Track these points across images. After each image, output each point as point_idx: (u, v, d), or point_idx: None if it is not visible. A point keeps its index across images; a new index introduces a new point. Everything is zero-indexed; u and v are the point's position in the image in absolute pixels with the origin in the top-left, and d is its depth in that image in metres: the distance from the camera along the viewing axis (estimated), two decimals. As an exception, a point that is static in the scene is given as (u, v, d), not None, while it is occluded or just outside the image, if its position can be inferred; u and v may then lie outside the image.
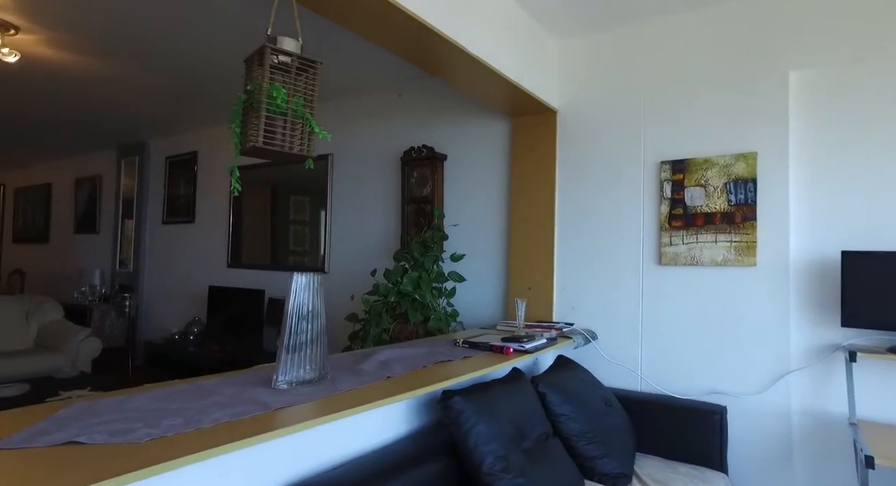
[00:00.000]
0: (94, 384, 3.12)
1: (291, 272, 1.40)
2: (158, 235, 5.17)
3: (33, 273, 6.70)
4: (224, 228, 4.52)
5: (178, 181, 4.98)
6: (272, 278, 4.07)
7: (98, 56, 3.08)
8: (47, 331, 4.35)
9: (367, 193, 3.60)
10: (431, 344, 2.08)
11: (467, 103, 3.14)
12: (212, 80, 3.48)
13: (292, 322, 1.37)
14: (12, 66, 3.23)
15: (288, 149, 1.40)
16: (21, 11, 2.54)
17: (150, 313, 5.16)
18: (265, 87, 1.34)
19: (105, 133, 5.08)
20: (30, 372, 3.90)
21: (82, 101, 4.03)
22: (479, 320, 2.95)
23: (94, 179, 5.94)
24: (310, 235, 3.98)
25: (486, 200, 3.04)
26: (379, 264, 3.42)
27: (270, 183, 4.28)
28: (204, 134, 4.80)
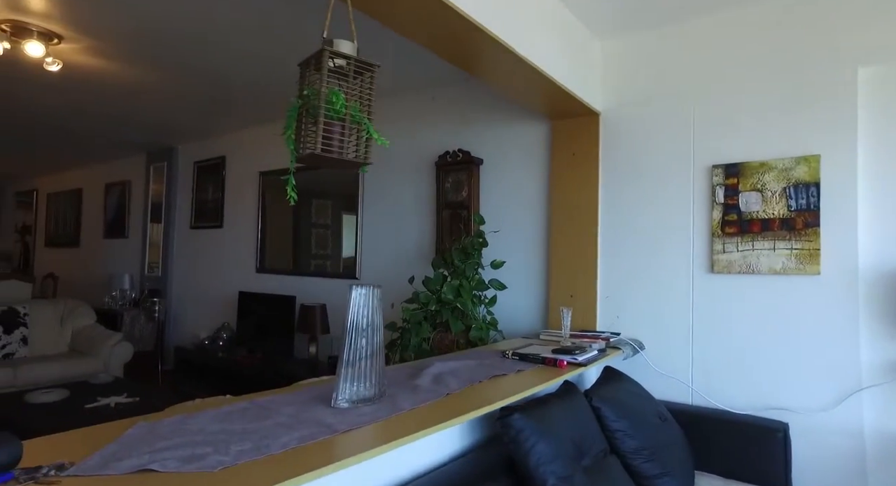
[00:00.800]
0: (129, 391, 3.11)
1: (350, 285, 1.34)
2: (186, 240, 5.19)
3: (65, 277, 6.80)
4: (252, 233, 4.51)
5: (206, 186, 4.99)
6: (303, 284, 4.04)
7: (132, 63, 3.08)
8: (81, 335, 4.38)
9: (400, 198, 3.55)
10: (480, 356, 2.01)
11: (503, 106, 3.07)
12: (240, 85, 3.47)
13: (351, 337, 1.31)
14: (53, 75, 3.25)
15: (346, 155, 1.34)
16: (64, 20, 2.54)
17: (178, 317, 5.18)
18: (323, 91, 1.29)
19: (134, 138, 5.12)
20: (65, 376, 3.93)
21: (114, 107, 4.06)
22: (518, 328, 2.87)
23: (124, 184, 6.00)
24: (332, 238, 3.95)
25: (523, 205, 2.97)
26: (413, 271, 3.36)
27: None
28: (232, 138, 4.80)
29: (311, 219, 4.11)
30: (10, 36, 2.62)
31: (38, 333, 4.25)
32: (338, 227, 3.93)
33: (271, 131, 4.43)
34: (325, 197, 4.03)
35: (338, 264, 3.89)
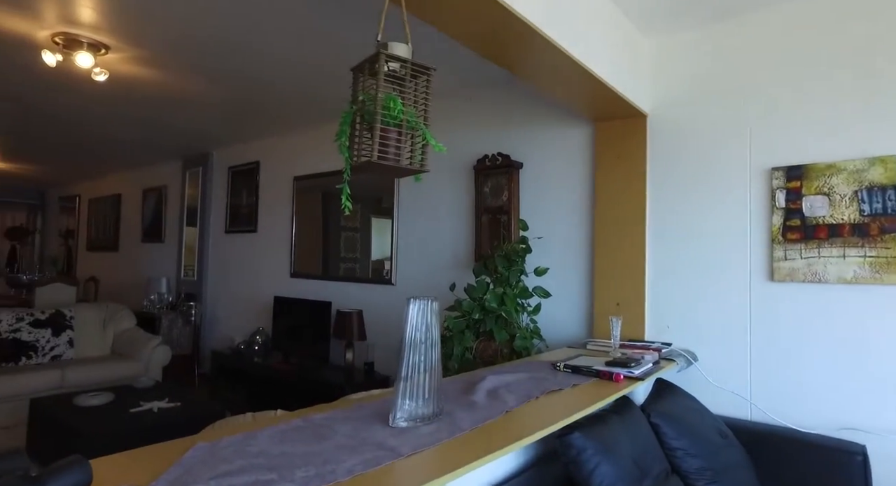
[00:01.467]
0: (170, 396, 3.13)
1: (408, 298, 1.28)
2: (221, 244, 5.25)
3: (105, 280, 6.97)
4: (286, 238, 4.53)
5: (240, 191, 5.04)
6: (337, 289, 4.02)
7: (172, 71, 3.11)
8: (122, 338, 4.46)
9: (436, 202, 3.50)
10: (530, 368, 1.93)
11: (544, 108, 2.99)
12: (275, 91, 3.47)
13: (408, 352, 1.26)
14: (99, 84, 3.31)
15: (402, 163, 1.29)
16: (112, 31, 2.58)
17: (213, 321, 5.24)
18: (379, 97, 1.24)
19: (171, 145, 5.21)
20: (109, 379, 4.00)
21: (153, 114, 4.12)
22: (561, 337, 2.78)
23: (160, 190, 6.12)
24: (361, 242, 3.96)
25: (566, 210, 2.88)
26: (449, 277, 3.30)
27: (321, 190, 4.30)
28: (266, 144, 4.84)
29: (339, 222, 4.15)
30: (63, 48, 2.66)
31: (83, 336, 4.34)
32: (367, 230, 3.94)
33: (306, 136, 4.44)
34: (354, 201, 4.03)
35: (366, 268, 3.89)
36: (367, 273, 3.86)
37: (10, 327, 3.97)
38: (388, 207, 3.79)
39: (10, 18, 2.49)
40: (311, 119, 4.15)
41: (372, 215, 3.92)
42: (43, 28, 2.57)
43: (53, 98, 3.74)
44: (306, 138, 4.45)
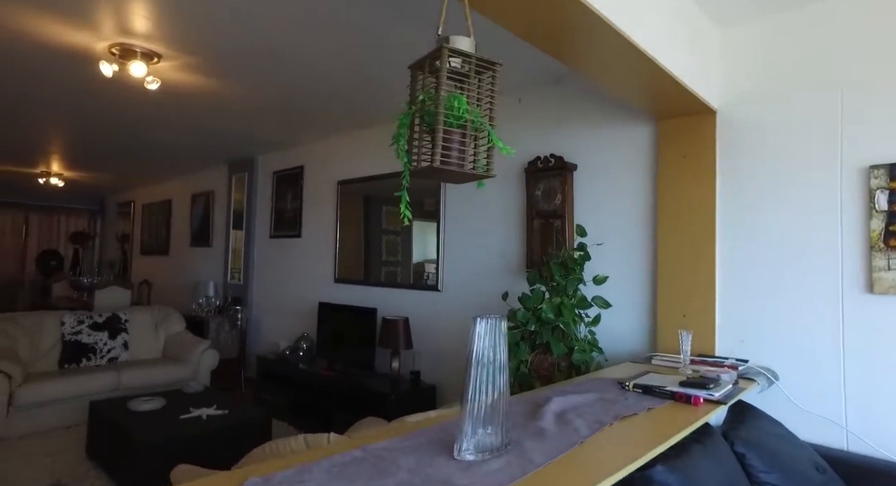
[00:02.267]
0: (218, 403, 3.13)
1: (474, 317, 1.16)
2: (266, 249, 5.30)
3: (157, 284, 7.20)
4: (330, 243, 4.51)
5: (284, 195, 5.07)
6: (383, 296, 3.96)
7: (220, 77, 3.11)
8: (172, 342, 4.55)
9: (484, 206, 3.38)
10: (595, 386, 1.78)
11: (599, 106, 2.82)
12: (320, 95, 3.43)
13: (475, 376, 1.14)
14: (151, 93, 3.36)
15: (466, 168, 1.17)
16: (165, 39, 2.58)
17: (258, 325, 5.29)
18: (442, 96, 1.13)
19: (218, 150, 5.30)
20: (160, 381, 4.08)
21: (202, 121, 4.18)
22: (620, 350, 2.60)
23: (208, 195, 6.25)
24: (402, 246, 3.91)
25: (625, 213, 2.70)
26: (500, 284, 3.17)
27: (362, 193, 4.27)
28: (310, 148, 4.84)
29: (381, 226, 4.10)
30: (118, 58, 2.70)
31: (137, 338, 4.45)
32: (408, 233, 3.89)
33: (350, 140, 4.41)
34: (395, 203, 3.98)
35: (408, 271, 3.84)
36: (409, 277, 3.82)
37: (73, 329, 4.10)
38: (430, 210, 3.74)
39: (71, 32, 2.54)
40: (355, 123, 4.11)
41: (414, 218, 3.88)
42: (101, 40, 2.61)
43: (110, 108, 3.84)
44: (350, 142, 4.41)
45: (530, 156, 3.07)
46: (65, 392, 3.65)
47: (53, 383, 3.62)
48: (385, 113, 3.79)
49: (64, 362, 4.02)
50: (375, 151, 4.19)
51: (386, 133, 4.07)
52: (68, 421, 3.69)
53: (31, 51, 2.78)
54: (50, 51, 2.76)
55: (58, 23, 2.46)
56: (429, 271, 3.67)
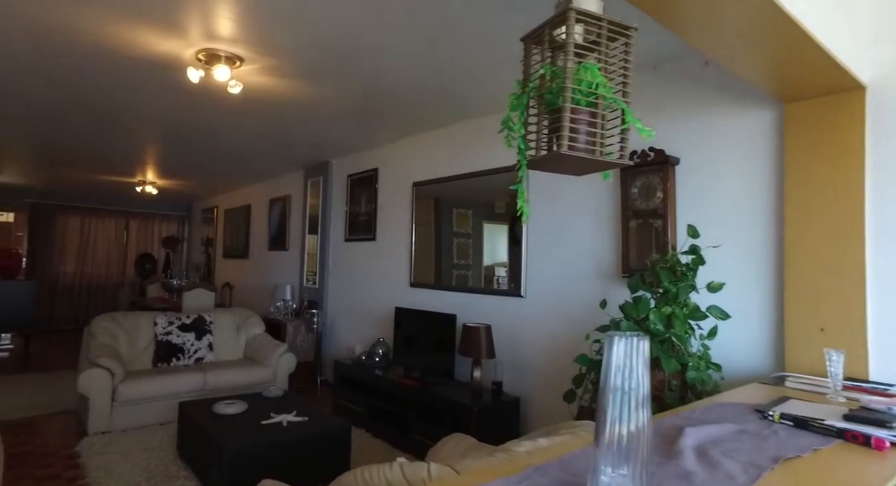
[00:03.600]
0: (298, 409, 3.10)
1: (609, 335, 0.96)
2: (341, 253, 5.31)
3: (237, 286, 7.50)
4: (405, 246, 4.42)
5: (359, 198, 5.06)
6: (462, 301, 3.80)
7: (299, 78, 3.09)
8: (252, 344, 4.65)
9: (573, 206, 3.14)
10: (725, 412, 1.50)
11: (704, 93, 2.51)
12: (399, 93, 3.34)
13: (611, 406, 0.93)
14: (232, 100, 3.43)
15: (597, 154, 0.97)
16: (246, 41, 2.58)
17: (333, 329, 5.31)
18: (570, 68, 0.93)
19: (294, 155, 5.39)
20: (242, 383, 4.16)
21: (279, 125, 4.24)
22: (739, 368, 2.27)
23: (285, 199, 6.41)
24: (473, 248, 3.82)
25: (740, 211, 2.37)
26: (591, 290, 2.92)
27: (432, 195, 4.18)
28: (384, 151, 4.79)
29: (452, 228, 4.05)
30: (204, 64, 2.73)
31: (221, 340, 4.58)
32: (479, 236, 3.79)
33: (425, 141, 4.30)
34: (465, 206, 3.96)
35: (479, 275, 3.74)
36: (480, 281, 3.74)
37: (164, 330, 4.28)
38: (500, 212, 3.64)
39: (162, 41, 2.59)
40: (432, 123, 4.00)
41: (484, 221, 3.81)
42: (189, 46, 2.65)
43: (195, 116, 3.97)
44: (426, 143, 4.31)
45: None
46: (158, 390, 3.79)
47: (148, 381, 3.76)
48: (464, 110, 3.64)
49: (157, 361, 4.19)
50: (452, 151, 4.05)
51: (463, 132, 3.93)
52: (162, 418, 3.83)
53: (130, 64, 2.88)
54: (145, 62, 2.85)
55: (151, 33, 2.51)
56: (499, 274, 3.56)
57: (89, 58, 2.83)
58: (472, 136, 3.87)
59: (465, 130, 3.92)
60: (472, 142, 3.86)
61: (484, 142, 3.76)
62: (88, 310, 8.85)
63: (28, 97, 3.63)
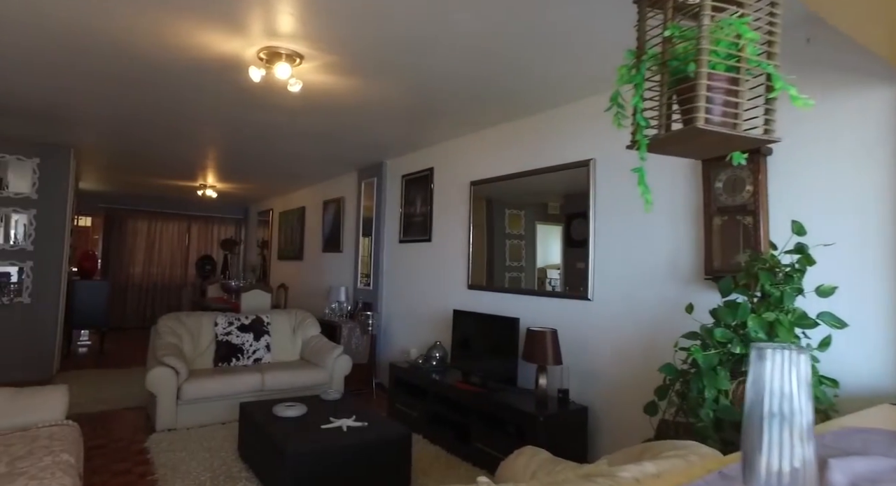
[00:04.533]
0: (357, 414, 3.03)
1: (757, 346, 0.79)
2: (395, 254, 5.26)
3: (292, 288, 7.62)
4: (463, 247, 4.30)
5: (413, 199, 4.99)
6: (523, 304, 3.64)
7: (357, 75, 3.04)
8: (308, 346, 4.65)
9: (641, 203, 2.92)
10: (869, 440, 1.28)
11: (808, 72, 2.24)
12: (458, 89, 3.22)
13: (768, 434, 0.76)
14: (289, 101, 3.42)
15: (739, 128, 0.80)
16: (307, 37, 2.54)
17: (388, 331, 5.26)
18: (707, 26, 0.77)
19: (348, 157, 5.39)
20: (298, 385, 4.16)
21: (335, 126, 4.22)
22: (855, 385, 2.00)
23: (339, 201, 6.44)
24: (526, 249, 3.73)
25: (850, 204, 2.09)
26: (668, 295, 2.70)
27: (484, 195, 4.11)
28: (440, 149, 4.69)
29: (504, 229, 3.98)
30: (265, 63, 2.72)
31: (278, 341, 4.62)
32: (531, 238, 3.72)
33: (483, 138, 4.16)
34: (517, 207, 3.90)
35: (532, 277, 3.65)
36: (533, 283, 3.66)
37: (224, 330, 4.35)
38: (554, 213, 3.55)
39: (225, 41, 2.59)
40: (489, 120, 3.86)
41: (537, 221, 3.72)
42: (251, 45, 2.64)
43: (254, 118, 4.01)
44: (483, 141, 4.17)
45: (708, 140, 2.55)
46: (219, 390, 3.84)
47: (210, 381, 3.82)
48: (525, 106, 3.49)
49: (217, 360, 4.26)
50: (510, 148, 3.90)
51: (523, 128, 3.75)
52: (223, 417, 3.88)
53: (195, 66, 2.91)
54: (208, 63, 2.87)
55: (215, 33, 2.51)
56: (551, 277, 3.48)
57: (157, 62, 2.88)
58: (532, 132, 3.70)
59: (525, 127, 3.76)
60: (532, 138, 3.70)
61: (544, 138, 3.59)
62: (155, 309, 9.27)
63: (104, 105, 3.77)
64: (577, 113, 3.36)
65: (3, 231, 4.98)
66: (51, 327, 5.18)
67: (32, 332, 5.06)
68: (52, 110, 3.96)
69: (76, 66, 3.00)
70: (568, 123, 3.42)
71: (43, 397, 2.65)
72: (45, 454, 2.08)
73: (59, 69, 3.05)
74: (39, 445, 2.20)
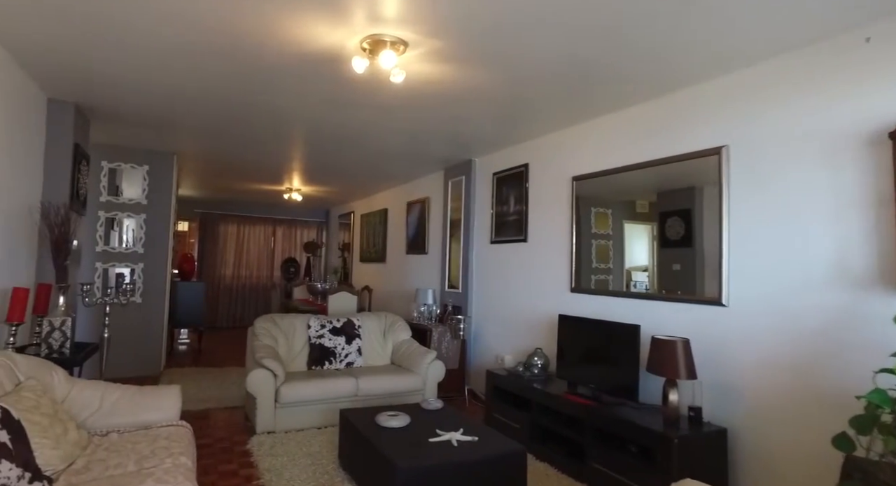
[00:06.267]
0: (464, 426, 2.82)
1: None
2: (486, 256, 5.03)
3: (375, 290, 7.62)
4: (563, 248, 3.99)
5: (506, 198, 4.74)
6: (640, 309, 3.28)
7: (459, 62, 2.84)
8: (399, 350, 4.52)
9: (790, 192, 2.49)
10: None
11: None
12: (556, 79, 2.94)
13: None
14: (386, 92, 3.29)
15: None
16: (413, 22, 2.37)
17: (478, 335, 5.04)
18: None
19: (435, 155, 5.24)
20: (392, 391, 4.02)
21: (425, 122, 4.06)
22: None
23: (423, 202, 6.32)
24: (613, 250, 3.53)
25: None
26: (830, 302, 2.27)
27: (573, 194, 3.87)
28: (537, 144, 4.41)
29: (591, 229, 3.78)
30: (368, 54, 2.59)
31: (368, 344, 4.53)
32: (619, 238, 3.52)
33: (587, 130, 3.83)
34: (603, 205, 3.67)
35: (620, 279, 3.46)
36: (621, 286, 3.45)
37: (317, 333, 4.32)
38: (642, 212, 3.34)
39: (328, 32, 2.49)
40: (597, 109, 3.53)
41: (625, 220, 3.49)
42: (354, 34, 2.51)
43: (346, 116, 3.94)
44: (587, 133, 3.84)
45: (883, 119, 2.11)
46: (315, 394, 3.78)
47: (305, 385, 3.77)
48: (643, 88, 3.13)
49: (311, 363, 4.23)
50: (618, 139, 3.56)
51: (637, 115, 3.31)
52: (318, 422, 3.82)
53: (297, 60, 2.84)
54: (309, 57, 2.79)
55: (318, 24, 2.40)
56: (636, 279, 3.35)
57: (262, 56, 2.84)
58: (647, 120, 3.34)
59: (639, 114, 3.40)
60: (646, 128, 3.34)
61: (662, 126, 3.21)
62: (244, 310, 9.67)
63: (206, 108, 3.85)
64: (704, 96, 2.97)
65: (118, 236, 5.29)
66: (158, 326, 5.43)
67: (144, 330, 5.33)
68: (161, 115, 4.11)
69: (185, 67, 3.02)
70: (691, 107, 3.04)
71: (159, 397, 2.67)
72: (166, 456, 2.14)
73: (169, 71, 3.10)
74: (160, 445, 2.24)
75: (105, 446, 2.26)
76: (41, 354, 3.08)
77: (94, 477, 1.97)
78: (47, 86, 3.44)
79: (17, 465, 1.73)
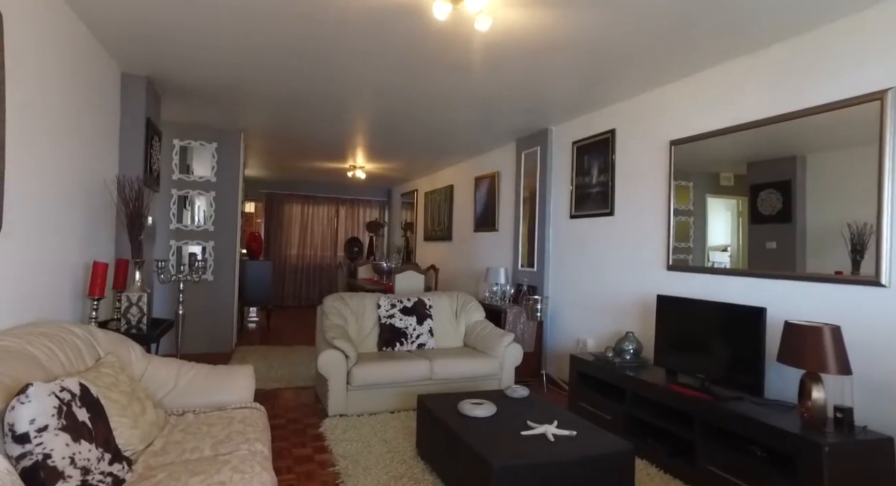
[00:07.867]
0: (559, 418, 2.51)
1: None
2: (565, 232, 4.64)
3: (441, 269, 7.39)
4: (660, 221, 3.54)
5: (588, 168, 4.31)
6: (762, 289, 2.81)
7: (551, 8, 2.44)
8: (473, 332, 4.26)
9: None
10: None
11: None
12: (663, 17, 2.47)
13: None
14: (463, 48, 2.95)
15: None
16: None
17: (556, 317, 4.69)
18: None
19: (506, 126, 4.87)
20: (467, 374, 3.78)
21: (502, 87, 3.70)
22: None
23: (493, 177, 5.97)
24: (695, 228, 3.23)
25: None
26: None
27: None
28: (625, 107, 3.94)
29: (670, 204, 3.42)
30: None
31: (440, 326, 4.29)
32: (702, 214, 3.21)
33: (685, 86, 3.32)
34: (683, 178, 3.34)
35: (701, 258, 3.16)
36: (702, 264, 3.16)
37: (387, 313, 4.13)
38: (727, 185, 3.04)
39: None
40: (705, 60, 3.02)
41: (708, 195, 3.16)
42: (434, -26, 2.18)
43: (415, 83, 3.64)
44: (689, 89, 3.34)
45: None
46: (387, 376, 3.60)
47: (378, 366, 3.59)
48: (768, 28, 2.61)
49: (382, 345, 4.05)
50: (734, 93, 3.05)
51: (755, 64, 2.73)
52: (391, 406, 3.64)
53: (371, 12, 2.56)
54: (381, 8, 2.50)
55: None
56: (714, 259, 3.10)
57: (333, 14, 2.57)
58: (769, 67, 2.81)
59: (757, 63, 2.88)
60: (770, 76, 2.81)
61: (793, 72, 2.68)
62: (309, 289, 9.78)
63: (273, 82, 3.68)
64: (856, 28, 2.42)
65: (190, 214, 5.33)
66: (229, 304, 5.47)
67: (215, 308, 5.38)
68: (227, 89, 3.99)
69: (253, 38, 2.84)
70: (845, 43, 2.49)
71: (233, 377, 2.54)
72: (241, 441, 2.00)
73: (239, 43, 2.92)
74: (235, 429, 2.11)
75: (181, 427, 2.14)
76: (121, 329, 3.05)
77: (171, 460, 1.85)
78: (121, 59, 3.38)
79: (97, 445, 1.60)
